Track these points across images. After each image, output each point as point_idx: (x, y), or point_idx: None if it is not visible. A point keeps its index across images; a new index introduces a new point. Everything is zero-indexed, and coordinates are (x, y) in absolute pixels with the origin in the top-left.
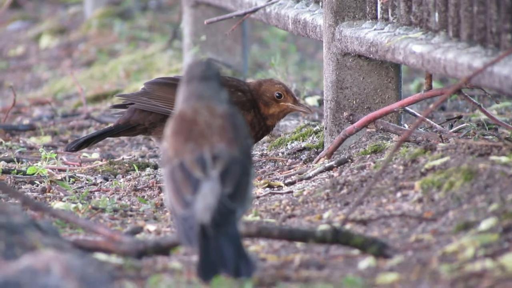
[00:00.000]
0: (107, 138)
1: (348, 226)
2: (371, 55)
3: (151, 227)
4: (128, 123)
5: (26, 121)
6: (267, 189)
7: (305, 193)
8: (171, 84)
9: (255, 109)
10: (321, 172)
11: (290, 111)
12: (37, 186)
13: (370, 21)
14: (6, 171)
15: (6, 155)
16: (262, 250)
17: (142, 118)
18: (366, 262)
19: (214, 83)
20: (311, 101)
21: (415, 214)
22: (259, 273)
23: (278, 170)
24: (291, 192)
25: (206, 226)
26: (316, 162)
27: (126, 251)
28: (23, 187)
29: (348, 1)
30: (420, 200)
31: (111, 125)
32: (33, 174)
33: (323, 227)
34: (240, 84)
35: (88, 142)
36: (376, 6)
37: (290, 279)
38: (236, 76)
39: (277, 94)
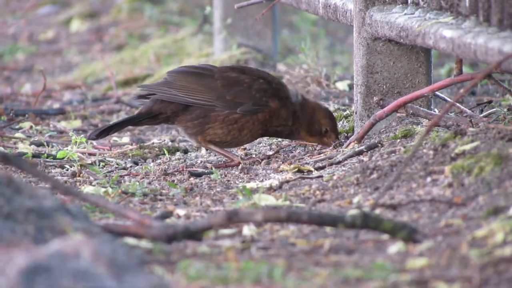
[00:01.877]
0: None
1: (378, 211)
2: (402, 40)
3: (181, 211)
4: (150, 112)
5: (56, 105)
6: (297, 173)
7: (335, 178)
8: (193, 73)
9: (282, 102)
10: (351, 156)
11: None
12: (67, 170)
13: (401, 5)
14: (36, 155)
15: (36, 139)
16: (292, 235)
17: (164, 107)
18: (395, 247)
19: None
20: (341, 85)
21: (445, 199)
22: (289, 258)
23: (308, 154)
24: (321, 176)
25: None
26: (346, 147)
27: (156, 235)
28: (53, 171)
29: None
30: (450, 185)
31: (134, 113)
32: (63, 158)
33: (352, 212)
34: (267, 76)
35: (109, 131)
36: None
37: (319, 263)
38: (266, 62)
39: (324, 130)
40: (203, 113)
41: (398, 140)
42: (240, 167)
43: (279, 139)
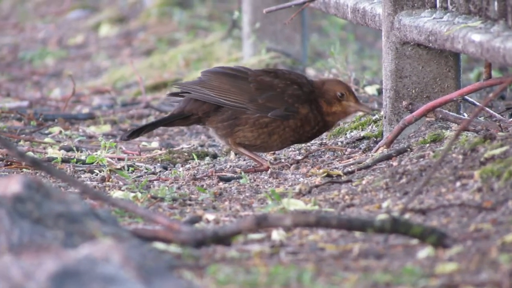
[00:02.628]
0: (166, 127)
1: (407, 216)
2: (430, 44)
3: (210, 216)
4: (182, 112)
5: (85, 110)
6: (326, 178)
7: (364, 182)
8: (228, 74)
9: (312, 105)
10: (380, 161)
11: (352, 112)
12: (97, 175)
13: (429, 10)
14: (65, 160)
15: (66, 144)
16: (321, 240)
17: (196, 107)
18: (425, 252)
19: None
20: (371, 90)
21: (474, 203)
22: (318, 263)
23: (337, 159)
24: (350, 181)
25: None
26: (375, 151)
27: (185, 240)
28: (82, 176)
29: None
30: (479, 190)
31: (166, 115)
32: (92, 163)
33: (382, 216)
34: (298, 77)
35: (140, 131)
36: None
37: (348, 268)
38: (295, 67)
39: (339, 94)
40: (234, 115)
41: (427, 145)
42: (269, 171)
43: (309, 144)
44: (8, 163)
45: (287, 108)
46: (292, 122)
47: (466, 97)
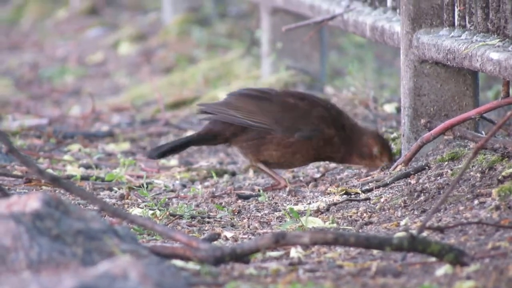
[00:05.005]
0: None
1: (425, 234)
2: (448, 62)
3: (229, 234)
4: (211, 133)
5: (104, 128)
6: (344, 196)
7: (382, 200)
8: (253, 96)
9: (340, 131)
10: (398, 179)
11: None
12: (116, 192)
13: (447, 28)
14: (85, 178)
15: (85, 162)
16: (339, 257)
17: (224, 128)
18: (443, 270)
19: None
20: (389, 108)
21: (492, 221)
22: (336, 280)
23: (355, 177)
24: (368, 199)
25: None
26: (394, 169)
27: (203, 257)
28: (101, 193)
29: (426, 8)
30: (497, 208)
31: (192, 133)
32: (111, 180)
33: (400, 234)
34: (326, 102)
35: (171, 151)
36: (453, 13)
37: (366, 286)
38: (314, 84)
39: (375, 153)
40: (259, 135)
41: (446, 163)
42: (287, 189)
43: (327, 162)
44: (28, 180)
45: (312, 129)
46: (315, 141)
47: (484, 115)
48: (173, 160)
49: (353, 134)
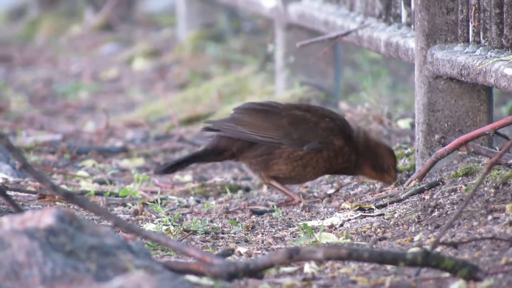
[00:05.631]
0: (198, 163)
1: (438, 249)
2: (463, 78)
3: (242, 249)
4: (216, 148)
5: (119, 143)
6: (358, 211)
7: (396, 215)
8: (260, 110)
9: (348, 141)
10: (412, 194)
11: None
12: (129, 208)
13: (462, 44)
14: (98, 193)
15: (99, 177)
16: (353, 272)
17: (230, 143)
18: (456, 285)
19: None
20: (403, 123)
21: (506, 236)
22: None
23: (369, 192)
24: (382, 214)
25: None
26: (408, 185)
27: (217, 273)
28: (115, 209)
29: (440, 24)
30: (511, 223)
31: (199, 149)
32: (125, 196)
33: (413, 250)
34: (330, 112)
35: (177, 166)
36: (468, 29)
37: None
38: (329, 100)
39: (387, 167)
40: (268, 150)
41: (460, 178)
42: (301, 205)
43: (341, 177)
44: (42, 196)
45: (321, 141)
46: (325, 153)
47: (499, 130)
48: (187, 176)
49: (367, 146)
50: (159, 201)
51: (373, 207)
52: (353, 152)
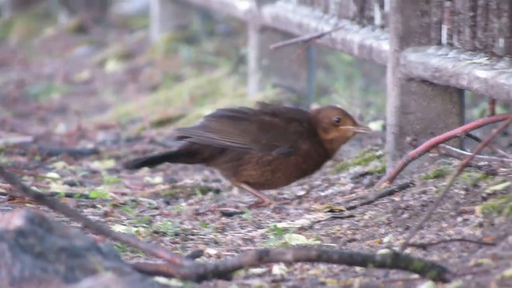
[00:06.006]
0: (168, 163)
1: (408, 251)
2: (436, 81)
3: (212, 251)
4: (189, 151)
5: (90, 145)
6: (329, 213)
7: (366, 217)
8: (230, 117)
9: (312, 138)
10: (382, 196)
11: (351, 135)
12: (99, 209)
13: (435, 46)
14: (69, 195)
15: (70, 179)
16: (322, 274)
17: (202, 148)
18: (425, 287)
19: None
20: (375, 126)
21: (475, 238)
22: None
23: (339, 194)
24: (352, 216)
25: None
26: (378, 187)
27: (186, 274)
28: (85, 210)
29: (414, 26)
30: (480, 225)
31: (172, 149)
32: (95, 197)
33: (383, 251)
34: (297, 113)
35: (148, 163)
36: (441, 32)
37: None
38: (301, 103)
39: (335, 119)
40: (238, 156)
41: (430, 180)
42: (271, 207)
43: (311, 179)
44: (12, 197)
45: (291, 146)
46: (294, 158)
47: (470, 133)
48: (157, 177)
49: (312, 120)
50: (129, 203)
51: (344, 209)
52: (319, 145)
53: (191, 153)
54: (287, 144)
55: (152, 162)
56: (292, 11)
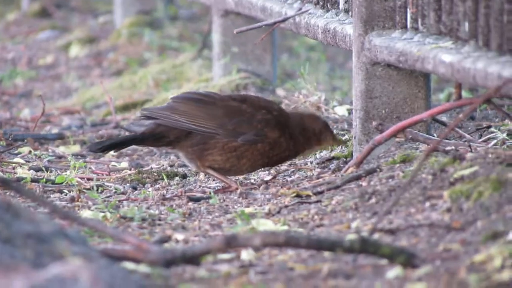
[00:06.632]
0: (135, 147)
1: (376, 236)
2: (401, 65)
3: (179, 236)
4: (154, 133)
5: (55, 130)
6: (296, 198)
7: (333, 202)
8: (197, 100)
9: (284, 130)
10: (349, 181)
11: (327, 147)
12: (66, 195)
13: (400, 30)
14: (35, 180)
15: (35, 164)
16: (290, 260)
17: (168, 130)
18: (394, 272)
19: None
20: (341, 110)
21: (443, 223)
22: (287, 283)
23: (306, 179)
24: (319, 201)
25: None
26: (345, 172)
27: (154, 260)
28: (51, 196)
29: (378, 10)
30: (448, 210)
31: (137, 132)
32: (62, 183)
33: (351, 236)
34: (267, 103)
35: (113, 147)
36: (406, 16)
37: None
38: (265, 87)
39: (317, 131)
40: (204, 140)
41: (397, 165)
42: (238, 192)
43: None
44: None
45: (257, 133)
46: (260, 146)
47: (436, 117)
48: (123, 163)
49: (292, 122)
50: (96, 188)
51: (311, 194)
52: (291, 139)
53: (157, 136)
54: (253, 131)
55: (117, 145)
56: None
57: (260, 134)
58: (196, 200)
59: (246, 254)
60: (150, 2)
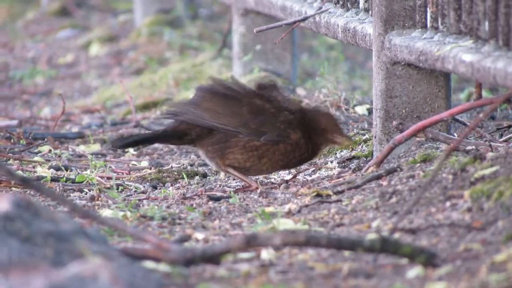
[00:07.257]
0: (155, 146)
1: (396, 235)
2: (421, 64)
3: (199, 235)
4: (176, 131)
5: (75, 129)
6: (316, 198)
7: (354, 202)
8: (222, 95)
9: (304, 131)
10: (370, 181)
11: (337, 145)
12: (86, 194)
13: (420, 29)
14: (55, 179)
15: (55, 163)
16: (310, 259)
17: (190, 128)
18: (414, 271)
19: None
20: (361, 110)
21: (464, 223)
22: (307, 282)
23: (327, 179)
24: (340, 201)
25: None
26: (365, 171)
27: (174, 259)
28: (72, 195)
29: (398, 10)
30: (469, 210)
31: (159, 129)
32: (82, 182)
33: (371, 236)
34: (290, 103)
35: (136, 144)
36: (426, 15)
37: (338, 287)
38: (286, 86)
39: (327, 127)
40: (225, 138)
41: (417, 165)
42: (259, 191)
43: None
44: None
45: (279, 133)
46: (282, 146)
47: (457, 117)
48: (143, 162)
49: (307, 117)
50: (116, 187)
51: (331, 193)
52: (309, 140)
53: (178, 133)
54: (276, 131)
55: (140, 142)
56: None
57: (282, 135)
58: (216, 199)
59: (266, 254)
60: (170, 1)
